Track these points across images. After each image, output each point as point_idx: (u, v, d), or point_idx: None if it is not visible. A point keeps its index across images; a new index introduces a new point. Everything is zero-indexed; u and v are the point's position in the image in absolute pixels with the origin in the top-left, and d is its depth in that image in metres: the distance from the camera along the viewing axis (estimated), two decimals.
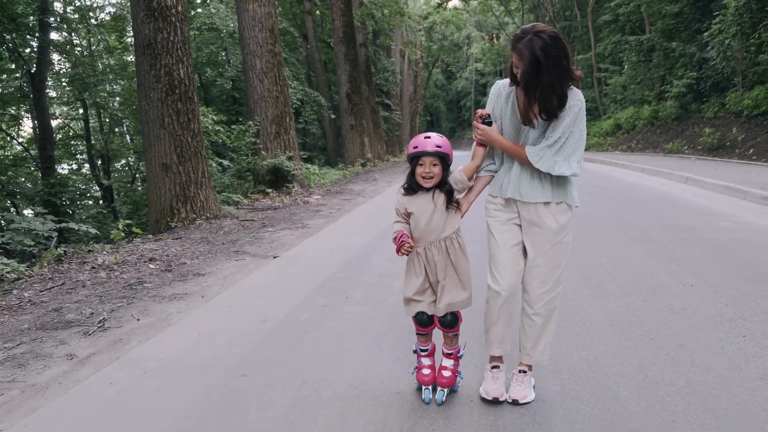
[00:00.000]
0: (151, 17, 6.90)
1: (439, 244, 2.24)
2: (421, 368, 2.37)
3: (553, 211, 2.21)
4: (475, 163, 2.29)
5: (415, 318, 2.31)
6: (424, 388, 2.34)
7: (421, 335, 2.37)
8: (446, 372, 2.34)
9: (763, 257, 4.51)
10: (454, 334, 2.34)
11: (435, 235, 2.24)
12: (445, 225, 2.25)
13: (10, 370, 2.82)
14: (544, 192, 2.19)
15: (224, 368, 2.75)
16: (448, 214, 2.26)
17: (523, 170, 2.22)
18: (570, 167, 2.11)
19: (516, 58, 2.05)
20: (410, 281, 2.29)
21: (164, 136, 6.96)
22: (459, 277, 2.26)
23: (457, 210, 2.29)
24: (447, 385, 2.32)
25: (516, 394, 2.27)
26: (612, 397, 2.33)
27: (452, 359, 2.36)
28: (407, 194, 2.28)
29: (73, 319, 3.57)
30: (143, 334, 3.28)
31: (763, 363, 2.60)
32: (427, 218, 2.23)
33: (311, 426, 2.18)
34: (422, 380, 2.34)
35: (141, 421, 2.28)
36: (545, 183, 2.19)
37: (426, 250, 2.25)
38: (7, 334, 3.33)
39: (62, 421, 2.31)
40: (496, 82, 2.33)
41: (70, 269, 5.02)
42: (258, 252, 5.44)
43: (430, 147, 2.18)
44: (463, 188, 2.31)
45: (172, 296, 4.04)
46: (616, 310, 3.38)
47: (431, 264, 2.25)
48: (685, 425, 2.10)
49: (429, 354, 2.38)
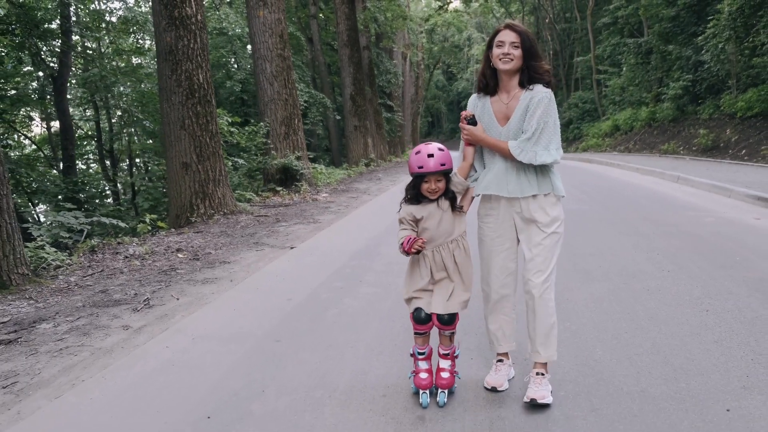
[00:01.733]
0: (172, 26, 7.37)
1: (447, 246, 2.32)
2: (418, 372, 2.36)
3: (542, 204, 2.32)
4: (467, 162, 2.41)
5: (414, 316, 2.35)
6: (422, 392, 2.33)
7: (419, 335, 2.38)
8: (444, 373, 2.35)
9: (736, 248, 4.96)
10: (451, 332, 2.37)
11: (444, 237, 2.32)
12: (454, 228, 2.33)
13: (77, 337, 3.29)
14: (531, 185, 2.31)
15: (260, 335, 3.22)
16: (455, 217, 2.34)
17: (508, 168, 2.33)
18: (550, 155, 2.26)
19: (507, 32, 2.28)
20: (413, 282, 2.36)
21: (184, 137, 7.44)
22: (463, 279, 2.34)
23: (461, 213, 2.38)
24: (447, 386, 2.33)
25: (534, 394, 2.26)
26: (588, 356, 2.80)
27: (449, 359, 2.38)
28: (412, 203, 2.34)
29: (120, 298, 4.04)
30: (185, 310, 3.76)
31: (719, 331, 3.06)
32: (437, 221, 2.30)
33: (340, 377, 2.64)
34: (420, 384, 2.33)
35: (196, 374, 2.75)
36: (530, 176, 2.32)
37: (434, 252, 2.32)
38: (65, 311, 3.80)
39: (130, 375, 2.78)
40: (471, 96, 2.50)
41: (105, 258, 5.49)
42: (275, 243, 5.91)
43: (434, 167, 2.23)
44: (462, 189, 2.39)
45: (203, 280, 4.51)
46: (598, 291, 3.84)
47: (438, 266, 2.32)
48: (647, 375, 2.56)
49: (426, 357, 2.38)
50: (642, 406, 2.28)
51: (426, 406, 2.30)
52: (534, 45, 2.31)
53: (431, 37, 43.56)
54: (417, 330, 2.36)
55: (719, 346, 2.86)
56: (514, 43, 2.26)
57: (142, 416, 2.35)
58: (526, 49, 2.27)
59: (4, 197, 4.39)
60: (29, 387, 2.67)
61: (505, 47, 2.26)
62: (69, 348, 3.12)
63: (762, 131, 14.38)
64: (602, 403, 2.31)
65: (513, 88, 2.34)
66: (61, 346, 3.15)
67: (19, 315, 3.77)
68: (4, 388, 2.65)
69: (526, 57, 2.28)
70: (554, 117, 2.29)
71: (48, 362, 2.95)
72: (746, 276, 4.05)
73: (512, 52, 2.26)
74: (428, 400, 2.32)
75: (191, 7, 7.46)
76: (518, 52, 2.27)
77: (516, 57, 2.26)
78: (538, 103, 2.25)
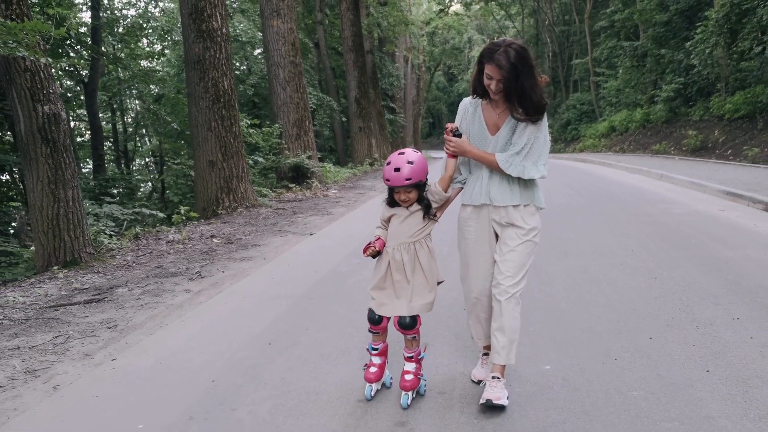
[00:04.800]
0: (200, 38, 8.21)
1: (408, 247, 2.34)
2: (369, 366, 2.44)
3: (522, 213, 2.35)
4: (448, 174, 2.41)
5: (368, 315, 2.41)
6: (367, 385, 2.42)
7: (373, 333, 2.44)
8: (408, 376, 2.36)
9: (695, 233, 5.77)
10: (412, 336, 2.39)
11: (405, 237, 2.35)
12: (417, 230, 2.36)
13: (151, 297, 4.12)
14: (513, 195, 2.34)
15: (297, 296, 4.04)
16: (423, 222, 2.37)
17: (493, 176, 2.36)
18: (538, 170, 2.27)
19: (493, 68, 2.15)
20: (374, 275, 2.43)
21: (211, 138, 8.27)
22: (427, 279, 2.36)
23: (434, 220, 2.41)
24: (410, 389, 2.34)
25: (490, 395, 2.27)
26: (555, 308, 3.61)
27: (413, 362, 2.40)
28: (389, 205, 2.43)
29: (175, 271, 4.88)
30: (231, 279, 4.59)
31: (661, 291, 3.87)
32: (401, 220, 2.36)
33: (364, 322, 3.44)
34: (367, 377, 2.40)
35: (250, 320, 3.57)
36: (513, 187, 2.34)
37: (394, 250, 2.35)
38: (134, 280, 4.63)
39: (202, 320, 3.61)
40: (463, 99, 2.49)
41: (149, 243, 6.32)
42: (296, 231, 6.74)
43: (399, 182, 2.26)
44: (441, 200, 2.40)
45: (241, 258, 5.34)
46: (571, 265, 4.65)
47: (397, 264, 2.35)
48: (597, 318, 3.38)
49: (379, 353, 2.45)
50: (590, 336, 3.10)
51: (369, 399, 2.41)
52: (522, 77, 2.15)
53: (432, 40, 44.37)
54: (370, 329, 2.43)
55: (656, 300, 3.68)
56: (500, 80, 2.18)
57: (219, 343, 3.18)
58: (508, 87, 2.17)
59: (74, 188, 5.23)
60: (127, 328, 3.50)
61: (493, 83, 2.21)
62: (147, 304, 3.96)
63: (747, 132, 15.15)
64: (560, 335, 3.14)
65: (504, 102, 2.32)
66: (140, 303, 3.98)
67: (95, 284, 4.60)
68: (109, 328, 3.48)
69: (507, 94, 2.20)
70: (545, 133, 2.30)
71: (135, 313, 3.78)
72: (696, 254, 4.86)
73: (500, 86, 2.20)
74: (371, 394, 2.41)
75: (217, 21, 8.29)
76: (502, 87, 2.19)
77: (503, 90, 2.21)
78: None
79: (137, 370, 2.85)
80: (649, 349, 2.90)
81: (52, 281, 4.71)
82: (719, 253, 4.82)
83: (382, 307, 2.36)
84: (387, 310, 2.36)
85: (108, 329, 3.47)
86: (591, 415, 2.26)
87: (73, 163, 5.30)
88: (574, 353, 2.88)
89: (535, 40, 38.93)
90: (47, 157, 5.07)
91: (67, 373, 2.87)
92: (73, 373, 2.86)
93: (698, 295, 3.72)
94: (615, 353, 2.85)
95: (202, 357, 2.98)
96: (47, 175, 5.07)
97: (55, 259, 5.13)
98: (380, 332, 2.43)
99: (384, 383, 2.52)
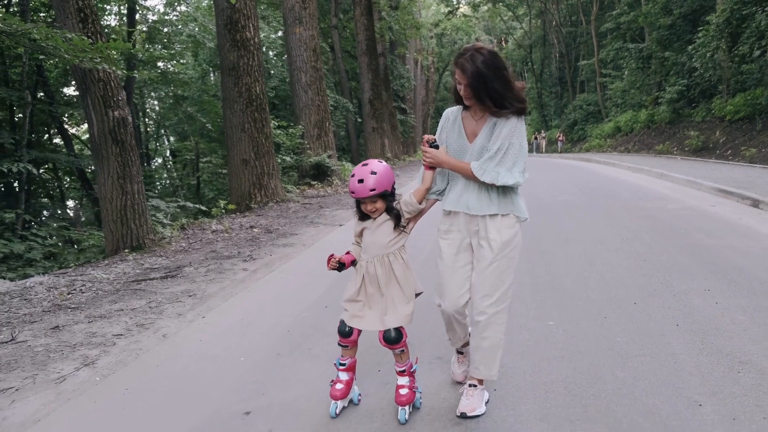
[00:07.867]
0: (234, 47, 8.98)
1: (382, 259, 2.30)
2: (336, 382, 2.38)
3: (499, 225, 2.26)
4: (424, 186, 2.36)
5: (338, 328, 2.36)
6: (332, 402, 2.36)
7: (342, 347, 2.39)
8: (403, 390, 2.32)
9: (686, 225, 6.46)
10: (400, 350, 2.34)
11: (377, 249, 2.31)
12: (389, 242, 2.31)
13: (216, 274, 4.88)
14: (491, 204, 2.26)
15: (340, 275, 4.77)
16: (394, 233, 2.32)
17: (470, 185, 2.30)
18: (513, 176, 2.18)
19: (459, 72, 2.14)
20: (349, 287, 2.40)
21: (244, 139, 9.04)
22: (404, 291, 2.32)
23: (404, 232, 2.36)
24: (406, 403, 2.31)
25: (464, 408, 2.25)
26: (558, 283, 4.33)
27: (406, 376, 2.35)
28: (359, 218, 2.39)
29: (229, 254, 5.64)
30: (280, 260, 5.34)
31: (648, 269, 4.58)
32: (371, 233, 2.33)
33: None
34: (332, 394, 2.35)
35: (306, 291, 4.32)
36: (492, 195, 2.27)
37: (368, 263, 2.32)
38: (195, 262, 5.40)
39: (265, 292, 4.36)
40: (447, 109, 2.46)
41: (195, 233, 7.09)
42: (327, 222, 7.50)
43: (364, 193, 2.23)
44: (414, 211, 2.36)
45: (283, 244, 6.10)
46: (572, 251, 5.37)
47: (371, 277, 2.31)
48: (592, 290, 4.09)
49: (346, 369, 2.40)
50: (586, 302, 3.82)
51: (334, 417, 2.33)
52: (490, 81, 2.13)
53: (441, 41, 45.05)
54: (340, 342, 2.39)
55: (643, 277, 4.39)
56: (466, 85, 2.17)
57: (285, 307, 3.93)
58: (477, 91, 2.16)
59: (139, 183, 6.01)
60: (205, 296, 4.26)
61: (462, 87, 2.21)
62: (215, 279, 4.72)
63: (746, 133, 15.74)
64: (562, 301, 3.86)
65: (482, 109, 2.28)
66: (209, 278, 4.75)
67: (163, 264, 5.37)
68: (190, 296, 4.25)
69: (477, 96, 2.17)
70: (520, 139, 2.23)
71: (207, 286, 4.54)
72: (684, 242, 5.56)
73: (468, 91, 2.19)
74: (336, 412, 2.34)
75: (250, 31, 9.06)
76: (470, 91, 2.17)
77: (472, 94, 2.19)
78: (505, 123, 2.20)
79: (226, 325, 3.61)
80: (633, 310, 3.62)
81: (124, 262, 5.49)
82: (704, 242, 5.52)
83: (353, 318, 2.34)
84: (359, 322, 2.33)
85: (189, 297, 4.24)
86: (583, 353, 2.99)
87: (138, 160, 6.08)
88: (572, 313, 3.60)
89: (542, 41, 39.49)
90: (117, 156, 5.85)
91: (169, 327, 3.64)
92: (174, 327, 3.63)
93: (679, 273, 4.43)
94: (605, 314, 3.58)
95: (274, 316, 3.73)
96: (117, 171, 5.85)
97: (123, 244, 5.91)
98: (349, 346, 2.38)
99: (351, 400, 2.46)
